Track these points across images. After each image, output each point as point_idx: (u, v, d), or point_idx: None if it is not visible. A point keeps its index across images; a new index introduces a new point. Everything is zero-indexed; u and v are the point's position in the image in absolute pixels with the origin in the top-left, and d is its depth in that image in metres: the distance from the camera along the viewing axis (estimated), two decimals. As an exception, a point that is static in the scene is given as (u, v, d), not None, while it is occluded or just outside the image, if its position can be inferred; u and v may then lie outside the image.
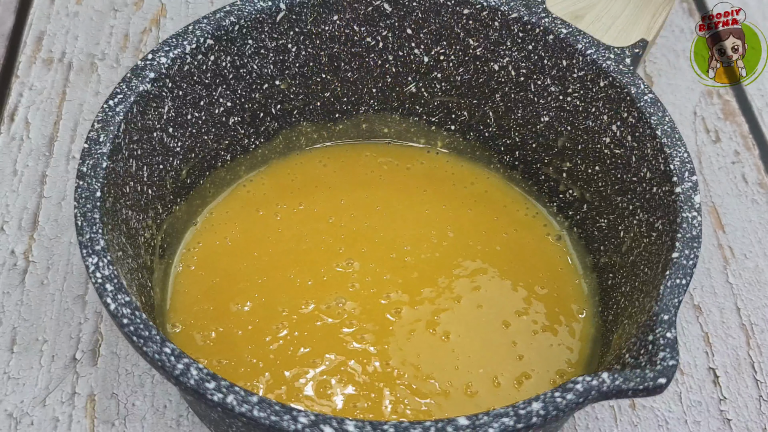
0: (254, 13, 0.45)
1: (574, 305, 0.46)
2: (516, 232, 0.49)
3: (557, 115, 0.47)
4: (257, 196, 0.49)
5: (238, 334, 0.43)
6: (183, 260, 0.46)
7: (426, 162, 0.52)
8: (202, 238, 0.47)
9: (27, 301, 0.47)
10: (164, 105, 0.43)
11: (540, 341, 0.44)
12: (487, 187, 0.51)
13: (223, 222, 0.48)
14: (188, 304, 0.45)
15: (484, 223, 0.49)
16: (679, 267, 0.37)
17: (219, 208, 0.49)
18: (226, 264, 0.46)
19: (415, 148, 0.53)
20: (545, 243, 0.49)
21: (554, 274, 0.47)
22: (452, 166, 0.52)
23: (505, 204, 0.50)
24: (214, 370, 0.42)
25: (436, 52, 0.49)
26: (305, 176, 0.51)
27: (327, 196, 0.50)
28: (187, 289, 0.45)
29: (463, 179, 0.51)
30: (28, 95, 0.57)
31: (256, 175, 0.50)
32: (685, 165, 0.40)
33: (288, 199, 0.49)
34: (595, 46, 0.44)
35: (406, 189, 0.50)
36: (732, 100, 0.60)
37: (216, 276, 0.46)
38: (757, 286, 0.51)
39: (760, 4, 0.65)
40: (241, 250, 0.47)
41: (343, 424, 0.31)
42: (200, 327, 0.44)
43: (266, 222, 0.48)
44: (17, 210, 0.51)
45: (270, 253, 0.47)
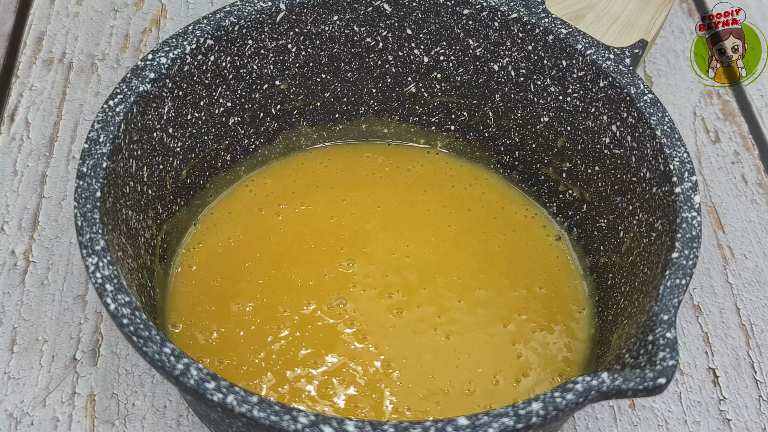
0: (254, 13, 0.45)
1: (574, 305, 0.46)
2: (515, 233, 0.49)
3: (557, 116, 0.47)
4: (259, 196, 0.50)
5: (239, 335, 0.43)
6: (184, 260, 0.46)
7: (426, 163, 0.52)
8: (203, 238, 0.47)
9: (27, 301, 0.47)
10: (164, 105, 0.43)
11: (539, 341, 0.44)
12: (486, 188, 0.51)
13: (225, 222, 0.48)
14: (190, 304, 0.45)
15: (483, 224, 0.49)
16: (679, 267, 0.37)
17: (220, 208, 0.49)
18: (228, 264, 0.46)
19: (415, 148, 0.53)
20: (544, 243, 0.49)
21: (553, 274, 0.47)
22: (452, 167, 0.52)
23: (503, 205, 0.50)
24: (215, 371, 0.42)
25: (435, 52, 0.49)
26: (306, 177, 0.51)
27: (328, 197, 0.50)
28: (189, 290, 0.45)
29: (462, 180, 0.51)
30: (28, 95, 0.57)
31: (258, 175, 0.50)
32: (685, 165, 0.40)
33: (289, 199, 0.49)
34: (595, 46, 0.44)
35: (407, 189, 0.50)
36: (732, 100, 0.60)
37: (217, 276, 0.46)
38: (757, 286, 0.51)
39: (760, 4, 0.65)
40: (243, 250, 0.47)
41: (343, 424, 0.31)
42: (201, 327, 0.44)
43: (268, 222, 0.48)
44: (17, 210, 0.51)
45: (271, 253, 0.47)
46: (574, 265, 0.48)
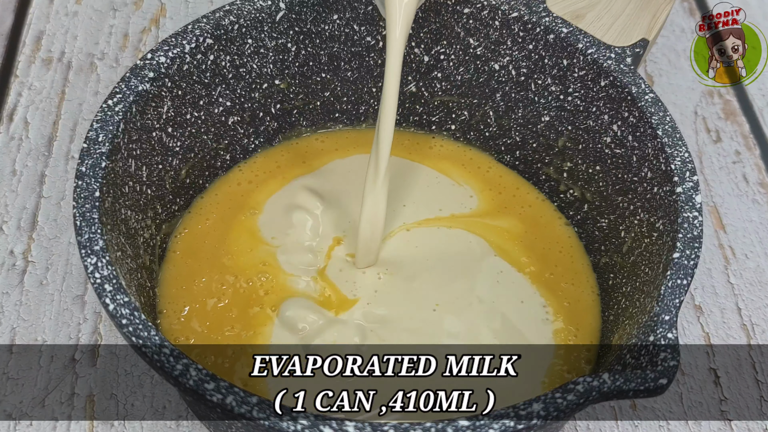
0: (254, 12, 0.45)
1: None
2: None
3: (558, 115, 0.47)
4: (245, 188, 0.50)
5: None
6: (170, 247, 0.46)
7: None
8: (188, 224, 0.47)
9: (26, 302, 0.47)
10: (163, 104, 0.43)
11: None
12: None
13: (212, 209, 0.48)
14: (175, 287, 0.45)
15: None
16: (680, 267, 0.37)
17: (209, 196, 0.49)
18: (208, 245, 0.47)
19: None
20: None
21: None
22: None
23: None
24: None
25: (436, 51, 0.49)
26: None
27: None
28: (174, 274, 0.45)
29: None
30: (27, 95, 0.57)
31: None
32: (686, 165, 0.40)
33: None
34: (596, 45, 0.44)
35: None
36: (733, 99, 0.60)
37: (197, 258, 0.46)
38: (758, 286, 0.51)
39: (760, 4, 0.65)
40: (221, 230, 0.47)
41: (343, 425, 0.31)
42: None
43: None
44: (16, 210, 0.51)
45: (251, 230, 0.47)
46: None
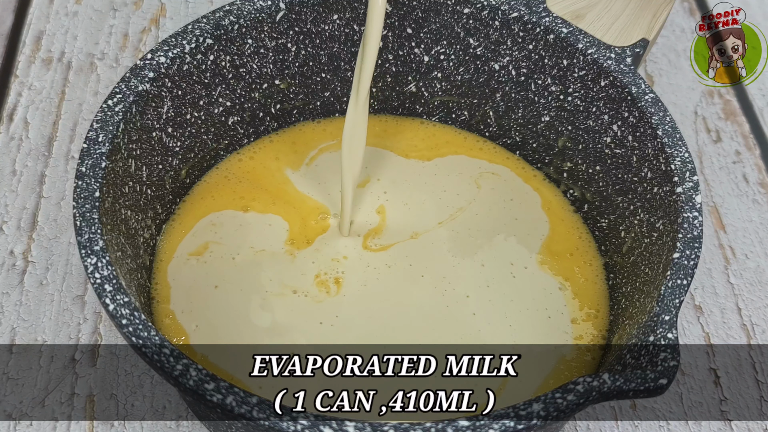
0: (254, 12, 0.44)
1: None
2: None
3: (558, 115, 0.47)
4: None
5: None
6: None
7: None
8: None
9: (26, 302, 0.47)
10: (163, 105, 0.43)
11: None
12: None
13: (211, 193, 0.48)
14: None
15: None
16: (680, 267, 0.37)
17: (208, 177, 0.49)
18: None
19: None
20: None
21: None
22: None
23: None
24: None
25: (436, 51, 0.49)
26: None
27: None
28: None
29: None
30: (27, 95, 0.57)
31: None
32: (686, 165, 0.40)
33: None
34: (596, 45, 0.44)
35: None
36: (733, 99, 0.60)
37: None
38: (759, 286, 0.51)
39: (760, 4, 0.65)
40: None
41: (343, 425, 0.31)
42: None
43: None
44: (16, 210, 0.51)
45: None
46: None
